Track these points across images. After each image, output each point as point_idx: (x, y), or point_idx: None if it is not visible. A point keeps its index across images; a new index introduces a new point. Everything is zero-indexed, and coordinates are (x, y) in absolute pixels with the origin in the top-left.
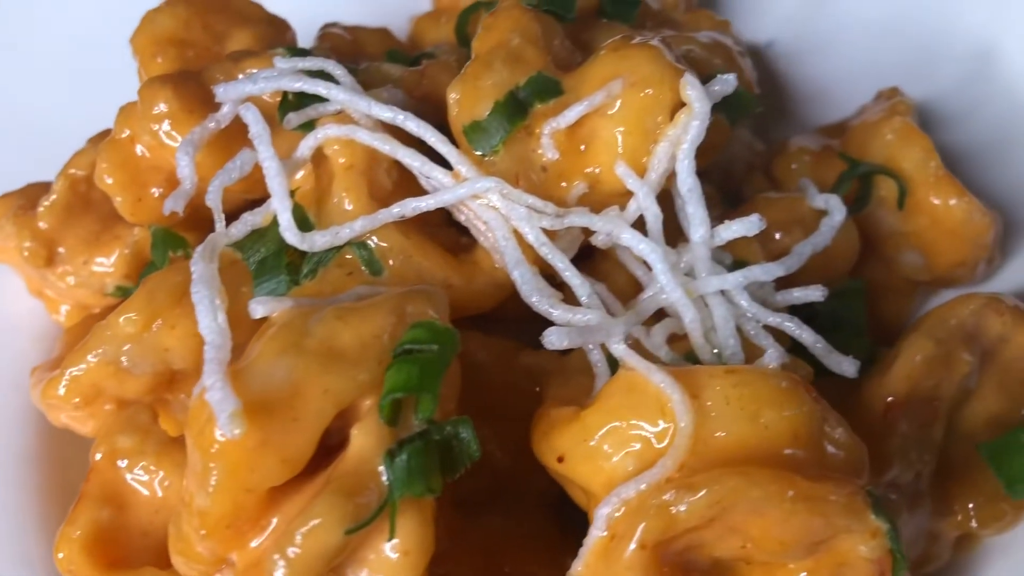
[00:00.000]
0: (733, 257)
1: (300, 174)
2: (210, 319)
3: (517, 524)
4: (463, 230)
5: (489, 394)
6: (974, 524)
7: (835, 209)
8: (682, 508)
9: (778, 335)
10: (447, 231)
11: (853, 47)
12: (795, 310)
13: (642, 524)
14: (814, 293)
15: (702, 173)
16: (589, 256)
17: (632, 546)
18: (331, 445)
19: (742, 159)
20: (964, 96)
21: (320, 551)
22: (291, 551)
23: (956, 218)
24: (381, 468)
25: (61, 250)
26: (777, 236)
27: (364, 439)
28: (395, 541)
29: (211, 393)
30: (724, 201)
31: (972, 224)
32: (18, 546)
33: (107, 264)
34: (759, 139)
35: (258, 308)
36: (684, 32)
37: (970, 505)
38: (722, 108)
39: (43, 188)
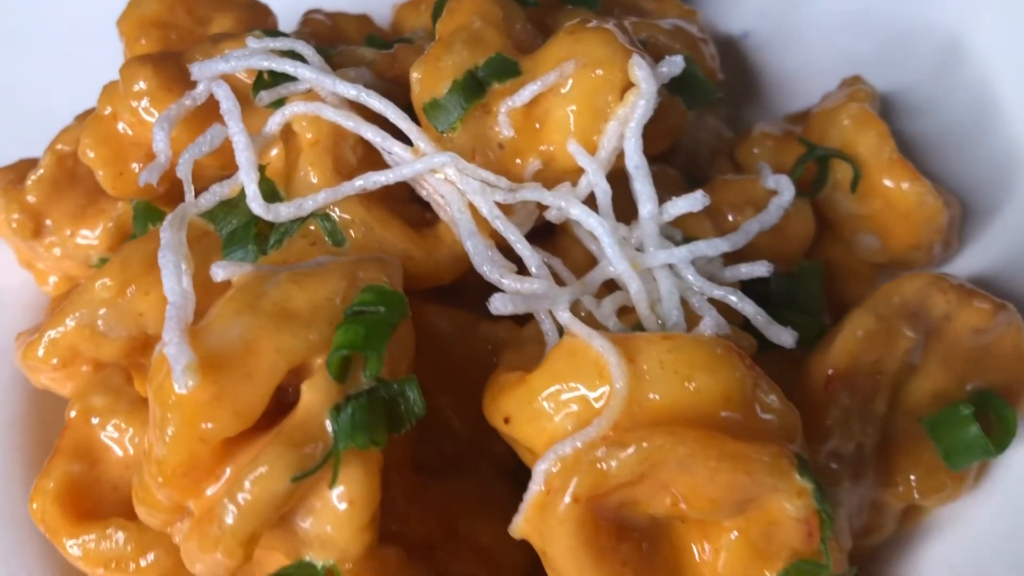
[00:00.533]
0: (684, 234)
1: (274, 152)
2: (174, 282)
3: (474, 489)
4: (428, 207)
5: (449, 364)
6: (916, 495)
7: (784, 189)
8: (613, 464)
9: (730, 313)
10: (411, 207)
11: (825, 39)
12: (752, 291)
13: (575, 479)
14: (759, 268)
15: (665, 156)
16: (550, 234)
17: (566, 500)
18: (286, 403)
19: (709, 145)
20: (931, 87)
21: (268, 497)
22: (240, 497)
23: (909, 201)
24: (327, 421)
25: (48, 222)
26: (730, 217)
27: (313, 394)
28: (340, 489)
29: (168, 347)
30: (691, 186)
31: (925, 207)
32: (4, 505)
33: (91, 237)
34: (730, 127)
35: (219, 272)
36: (649, 19)
37: (912, 477)
38: (679, 92)
39: (33, 164)
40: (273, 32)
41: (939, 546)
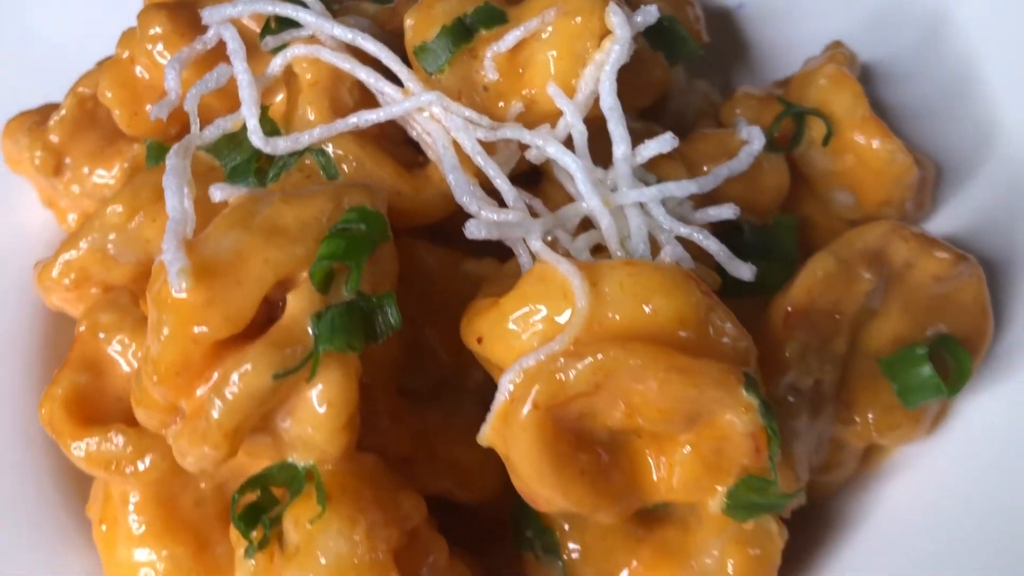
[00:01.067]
0: (658, 179)
1: (279, 98)
2: (176, 201)
3: (454, 415)
4: (420, 151)
5: (435, 298)
6: (873, 432)
7: (755, 138)
8: (571, 374)
9: (704, 257)
10: (404, 150)
11: (817, 11)
12: (726, 241)
13: (536, 387)
14: (726, 211)
15: (655, 117)
16: (536, 182)
17: (528, 406)
18: (275, 318)
19: (697, 108)
20: (915, 58)
21: (251, 392)
22: (227, 391)
23: (880, 158)
24: (309, 326)
25: (68, 161)
26: (705, 168)
27: (297, 302)
28: (319, 389)
29: (165, 254)
30: None
31: (896, 164)
32: (22, 423)
33: (108, 176)
34: (722, 94)
35: (217, 193)
36: None
37: (869, 415)
38: (661, 47)
39: (56, 108)
40: None
41: (898, 485)
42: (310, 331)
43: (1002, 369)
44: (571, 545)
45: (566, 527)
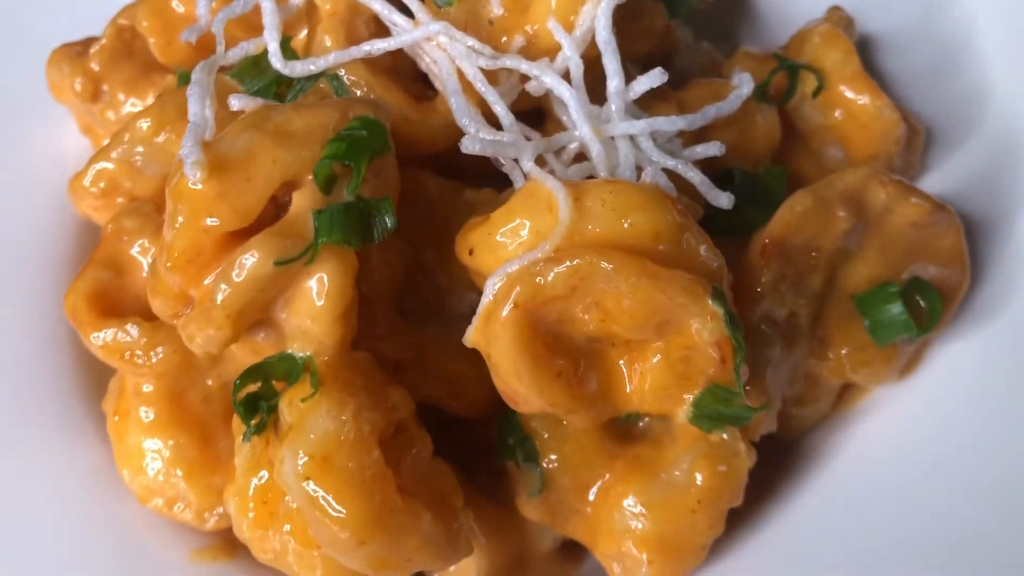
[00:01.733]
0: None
1: (303, 34)
2: (198, 108)
3: (447, 332)
4: (429, 85)
5: (436, 223)
6: (847, 367)
7: (744, 83)
8: (549, 276)
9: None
10: (415, 84)
11: None
12: (719, 186)
13: (517, 288)
14: (712, 148)
15: (651, 64)
16: (539, 122)
17: (508, 306)
18: (281, 217)
19: (701, 66)
20: (917, 28)
21: (254, 277)
22: (232, 274)
23: (868, 113)
24: (311, 221)
25: (105, 88)
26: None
27: (301, 200)
28: (317, 280)
29: (183, 149)
30: None
31: (883, 119)
32: (48, 325)
33: (141, 105)
34: (725, 56)
35: (235, 102)
36: None
37: (843, 351)
38: None
39: (97, 39)
40: None
41: (871, 424)
42: (312, 225)
43: (978, 320)
44: (551, 456)
45: (546, 436)
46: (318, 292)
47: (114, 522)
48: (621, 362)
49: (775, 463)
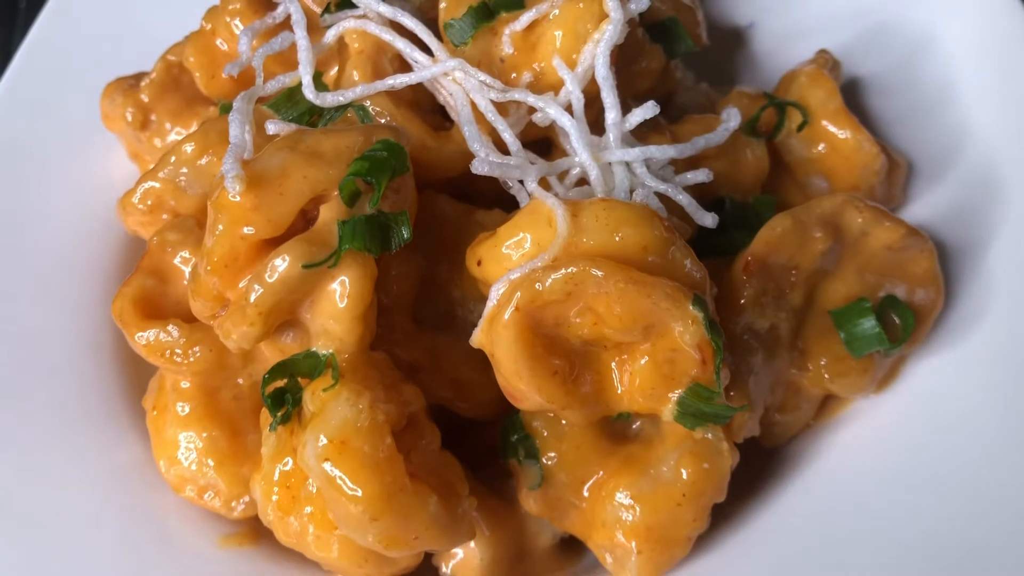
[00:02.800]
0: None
1: (333, 71)
2: (238, 131)
3: (458, 340)
4: (446, 117)
5: (450, 242)
6: (825, 377)
7: (732, 117)
8: (547, 283)
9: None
10: (433, 116)
11: (817, 30)
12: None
13: (517, 293)
14: (701, 175)
15: (662, 110)
16: (546, 151)
17: (510, 309)
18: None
19: (698, 104)
20: (902, 73)
21: (284, 278)
22: (265, 276)
23: (849, 146)
24: (336, 230)
25: (153, 118)
26: None
27: (327, 212)
28: (340, 282)
29: (224, 166)
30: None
31: (862, 152)
32: (94, 332)
33: (185, 133)
34: (723, 95)
35: (271, 127)
36: None
37: (822, 362)
38: (661, 41)
39: (147, 74)
40: None
41: (850, 433)
42: (336, 234)
43: (953, 339)
44: (550, 453)
45: (545, 434)
46: (340, 295)
47: (150, 510)
48: (612, 364)
49: (760, 467)
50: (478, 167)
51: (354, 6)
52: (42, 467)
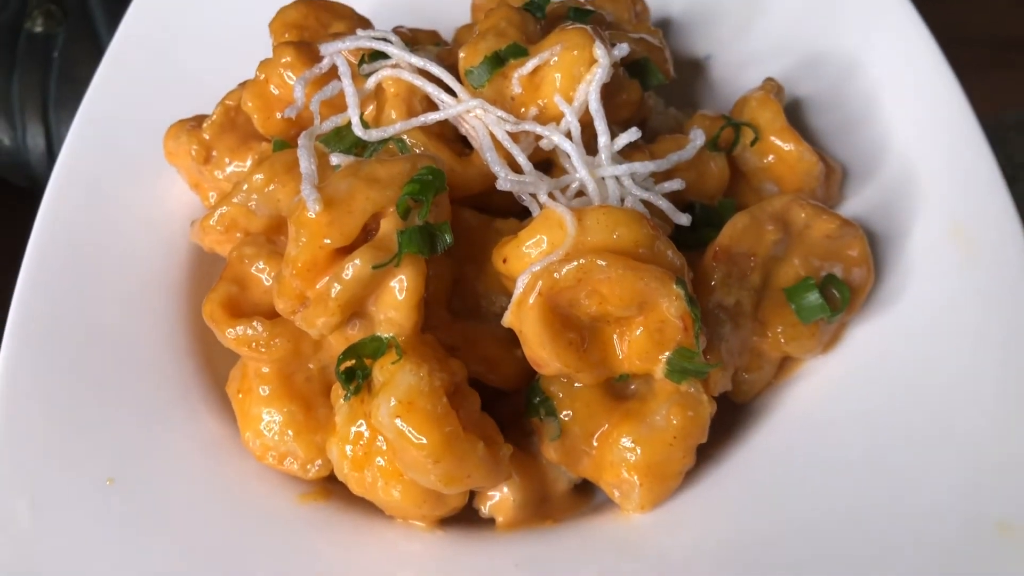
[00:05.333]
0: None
1: (370, 109)
2: (307, 164)
3: (485, 324)
4: (467, 144)
5: (474, 246)
6: (782, 341)
7: (698, 137)
8: (562, 272)
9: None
10: (456, 144)
11: (763, 59)
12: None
13: (540, 282)
14: (675, 184)
15: (630, 127)
16: (550, 169)
17: (534, 295)
18: (369, 239)
19: (668, 126)
20: (835, 93)
21: (358, 276)
22: (343, 274)
23: (793, 156)
24: (395, 238)
25: (214, 153)
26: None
27: (387, 224)
28: (399, 280)
29: (303, 190)
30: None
31: (804, 161)
32: (172, 335)
33: (243, 165)
34: (688, 117)
35: (334, 159)
36: (624, 32)
37: (779, 329)
38: (637, 76)
39: (207, 116)
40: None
41: (805, 387)
42: (395, 240)
43: (881, 309)
44: (565, 411)
45: (561, 396)
46: (399, 289)
47: (236, 476)
48: (614, 335)
49: (733, 418)
50: (502, 185)
51: (387, 57)
52: (143, 445)
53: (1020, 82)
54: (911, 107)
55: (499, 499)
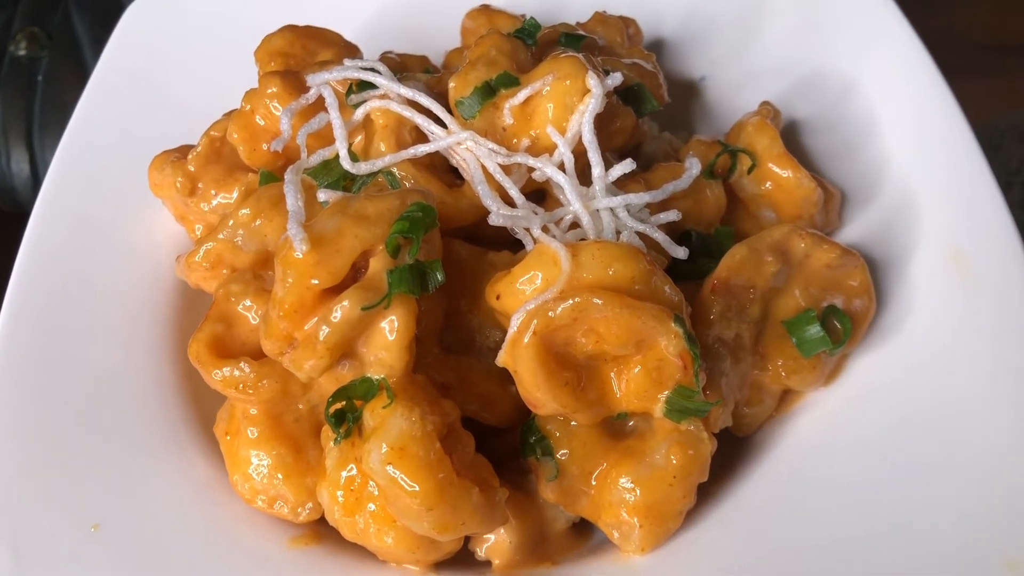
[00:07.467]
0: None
1: (359, 139)
2: (293, 200)
3: (479, 361)
4: (458, 175)
5: (467, 279)
6: (783, 374)
7: (693, 166)
8: (557, 311)
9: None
10: (447, 175)
11: (759, 81)
12: (680, 244)
13: (535, 321)
14: (671, 215)
15: (629, 155)
16: (543, 200)
17: (528, 335)
18: (359, 278)
19: (663, 152)
20: (832, 114)
21: (347, 318)
22: (331, 317)
23: (791, 183)
24: (385, 278)
25: (200, 185)
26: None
27: (376, 263)
28: (389, 320)
29: (290, 230)
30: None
31: (802, 187)
32: (158, 372)
33: (229, 197)
34: (683, 142)
35: (322, 195)
36: (617, 58)
37: (779, 362)
38: (630, 103)
39: (193, 147)
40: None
41: (805, 421)
42: (385, 280)
43: (884, 340)
44: (562, 450)
45: (557, 435)
46: (390, 330)
47: (225, 520)
48: (611, 373)
49: (734, 453)
50: (494, 220)
51: (374, 87)
52: (128, 489)
53: (1013, 87)
54: (909, 128)
55: (495, 541)
